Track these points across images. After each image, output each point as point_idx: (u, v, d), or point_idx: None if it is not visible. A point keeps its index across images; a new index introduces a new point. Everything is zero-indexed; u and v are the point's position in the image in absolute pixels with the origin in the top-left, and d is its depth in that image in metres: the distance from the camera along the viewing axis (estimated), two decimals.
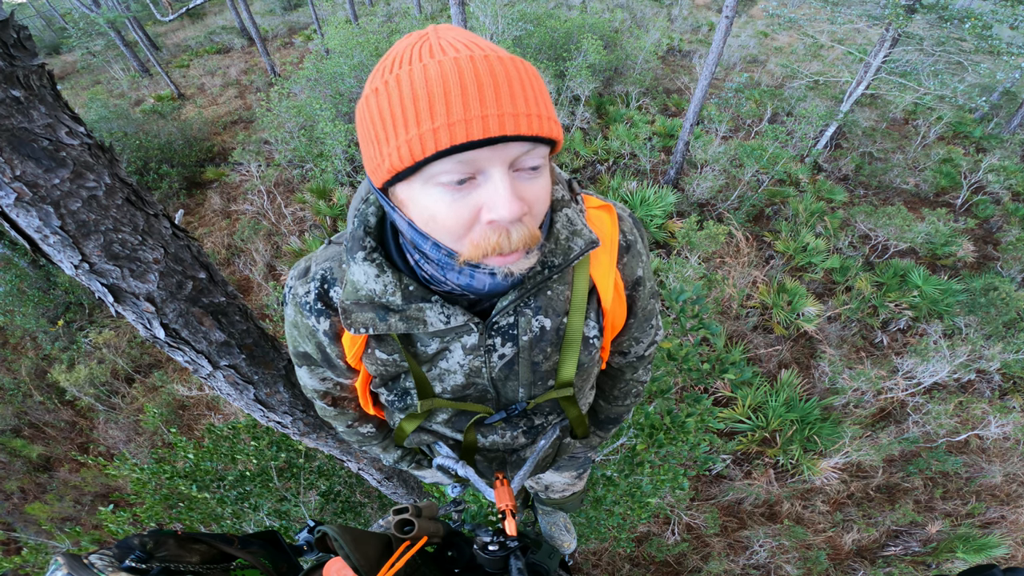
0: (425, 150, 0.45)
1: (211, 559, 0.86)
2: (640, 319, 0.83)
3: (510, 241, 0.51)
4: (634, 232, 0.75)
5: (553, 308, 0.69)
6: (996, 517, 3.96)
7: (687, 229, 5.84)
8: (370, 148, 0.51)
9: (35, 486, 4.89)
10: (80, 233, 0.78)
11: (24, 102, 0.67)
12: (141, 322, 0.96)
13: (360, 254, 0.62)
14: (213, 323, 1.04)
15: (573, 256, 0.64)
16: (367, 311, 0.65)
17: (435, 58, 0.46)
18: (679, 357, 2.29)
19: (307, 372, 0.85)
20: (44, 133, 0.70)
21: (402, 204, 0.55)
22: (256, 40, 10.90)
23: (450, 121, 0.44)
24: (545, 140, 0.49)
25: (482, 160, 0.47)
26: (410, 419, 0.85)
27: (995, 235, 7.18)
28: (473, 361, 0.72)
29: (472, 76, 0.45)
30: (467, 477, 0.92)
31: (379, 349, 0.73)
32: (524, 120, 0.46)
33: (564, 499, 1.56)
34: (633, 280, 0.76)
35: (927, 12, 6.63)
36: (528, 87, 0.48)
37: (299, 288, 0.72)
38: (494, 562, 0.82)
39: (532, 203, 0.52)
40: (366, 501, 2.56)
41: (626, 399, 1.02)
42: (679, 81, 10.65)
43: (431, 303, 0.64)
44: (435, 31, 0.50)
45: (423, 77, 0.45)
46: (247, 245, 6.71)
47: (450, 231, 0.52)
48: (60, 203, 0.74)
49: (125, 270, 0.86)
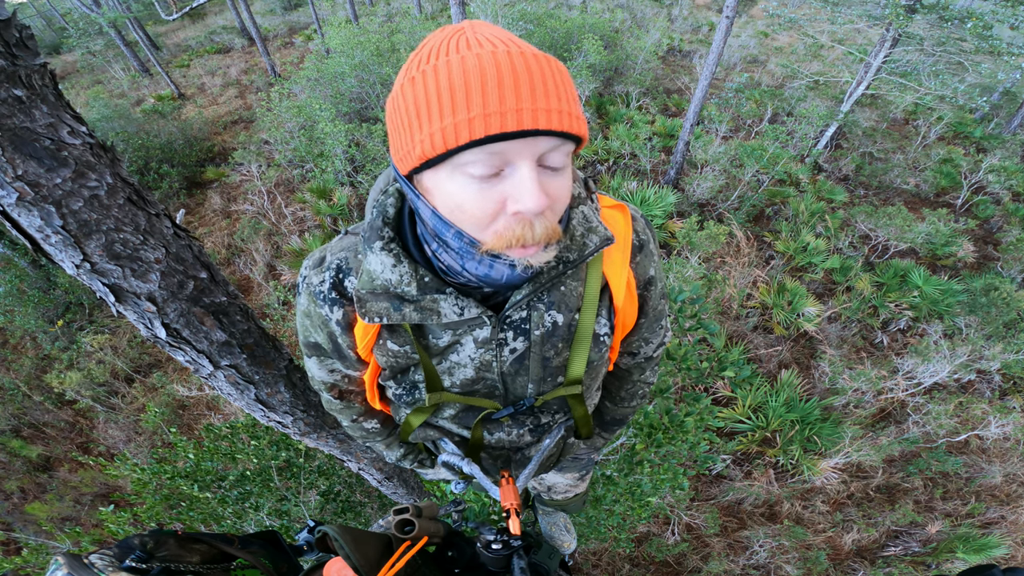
0: (459, 138, 0.46)
1: (211, 559, 0.86)
2: (651, 319, 0.83)
3: (534, 233, 0.52)
4: (647, 232, 0.76)
5: (566, 304, 0.70)
6: (996, 517, 3.96)
7: (687, 229, 5.83)
8: (401, 135, 0.52)
9: (35, 486, 4.89)
10: (82, 233, 0.78)
11: (26, 101, 0.67)
12: (142, 322, 0.96)
13: (378, 243, 0.63)
14: (214, 323, 1.04)
15: (588, 252, 0.65)
16: (382, 301, 0.65)
17: (472, 51, 0.47)
18: (678, 356, 2.29)
19: (316, 363, 0.85)
20: (46, 132, 0.70)
21: (427, 192, 0.55)
22: (256, 40, 10.90)
23: (485, 112, 0.45)
24: (572, 137, 0.50)
25: (511, 152, 0.48)
26: (417, 413, 0.85)
27: (995, 235, 7.18)
28: (484, 355, 0.72)
29: (509, 70, 0.46)
30: (472, 474, 0.92)
31: (391, 340, 0.73)
32: (556, 116, 0.47)
33: (567, 500, 1.56)
34: (645, 279, 0.77)
35: (927, 12, 6.62)
36: (560, 84, 0.49)
37: (313, 277, 0.73)
38: (497, 561, 0.82)
39: (555, 198, 0.53)
40: (366, 501, 2.56)
41: (632, 400, 1.02)
42: (679, 81, 10.65)
43: (445, 295, 0.64)
44: (471, 26, 0.51)
45: (461, 68, 0.46)
46: (247, 245, 6.71)
47: (475, 220, 0.52)
48: (62, 203, 0.74)
49: (127, 270, 0.86)
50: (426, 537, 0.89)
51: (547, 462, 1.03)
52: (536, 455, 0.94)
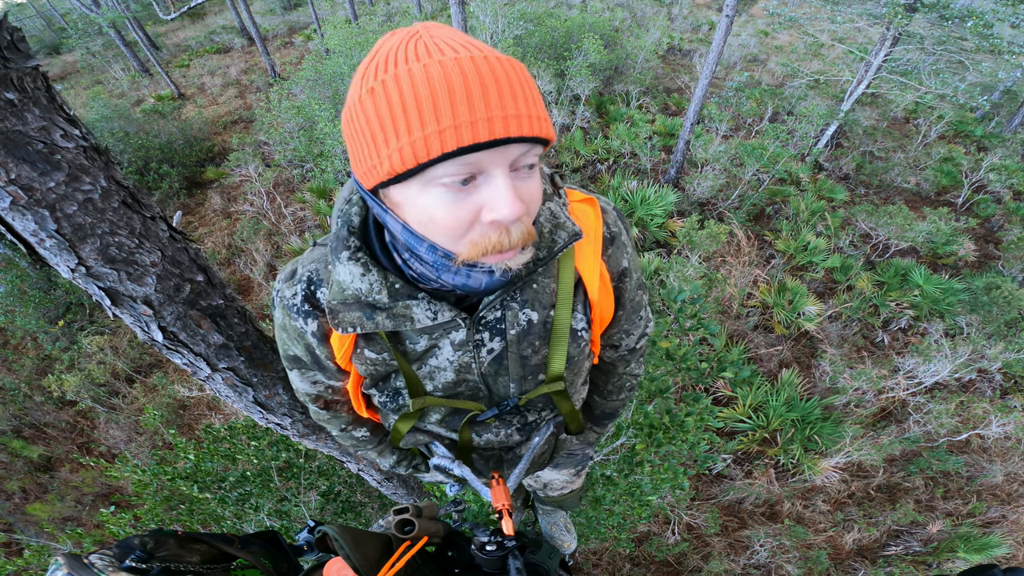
0: (431, 152, 0.45)
1: (211, 559, 0.86)
2: (628, 311, 0.83)
3: (510, 239, 0.52)
4: (618, 224, 0.76)
5: (539, 301, 0.70)
6: (997, 517, 3.96)
7: (688, 228, 5.83)
8: (365, 150, 0.50)
9: (36, 486, 4.90)
10: (76, 236, 0.78)
11: (18, 105, 0.67)
12: (139, 325, 0.95)
13: (345, 254, 0.62)
14: (211, 326, 1.03)
15: (557, 249, 0.64)
16: (354, 310, 0.65)
17: (433, 58, 0.45)
18: (678, 356, 2.29)
19: (298, 376, 0.85)
20: (39, 136, 0.70)
21: (396, 206, 0.54)
22: (256, 40, 10.90)
23: (456, 123, 0.44)
24: (542, 140, 0.50)
25: (485, 162, 0.47)
26: (404, 419, 0.85)
27: (996, 234, 7.17)
28: (462, 357, 0.72)
29: (475, 77, 0.44)
30: (464, 476, 0.92)
31: (368, 348, 0.73)
32: (526, 121, 0.47)
33: (563, 496, 1.57)
34: (619, 271, 0.76)
35: (928, 11, 6.61)
36: (525, 88, 0.48)
37: (286, 291, 0.73)
38: (492, 562, 0.81)
39: (529, 201, 0.53)
40: (366, 501, 2.56)
41: (620, 393, 1.02)
42: (679, 80, 10.63)
43: (418, 300, 0.64)
44: (426, 29, 0.49)
45: (424, 77, 0.44)
46: (247, 245, 6.72)
47: (449, 232, 0.52)
48: (56, 206, 0.74)
49: (122, 273, 0.86)
50: (426, 537, 0.89)
51: (539, 460, 1.03)
52: (526, 454, 0.94)
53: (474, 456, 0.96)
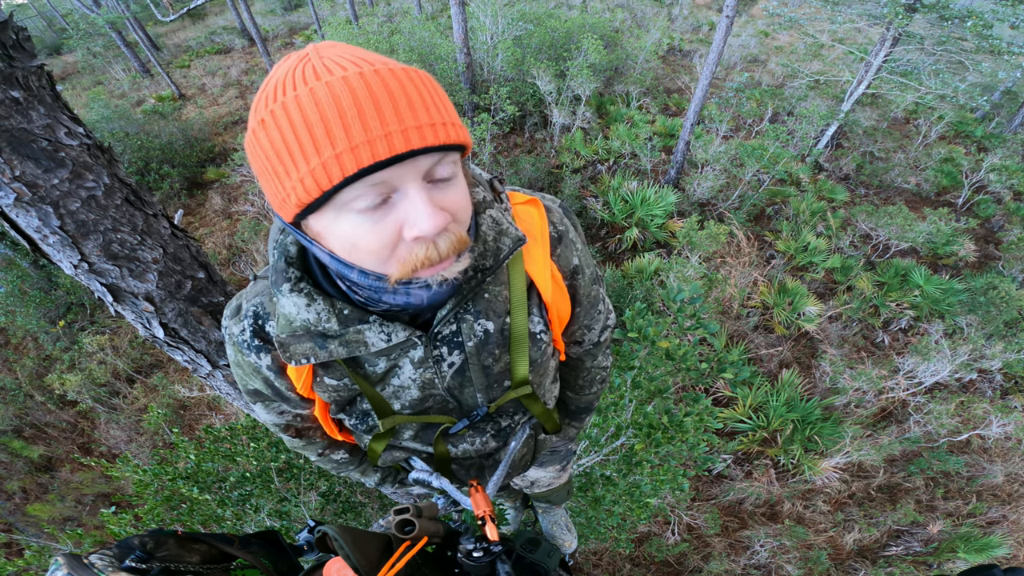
0: (332, 178, 0.43)
1: (211, 559, 0.86)
2: (586, 306, 0.82)
3: (439, 251, 0.50)
4: (564, 222, 0.75)
5: (493, 310, 0.69)
6: (997, 517, 3.96)
7: (688, 229, 5.83)
8: (271, 184, 0.48)
9: (37, 486, 4.90)
10: (79, 233, 0.78)
11: (23, 103, 0.67)
12: (140, 321, 0.96)
13: (286, 286, 0.60)
14: (212, 322, 1.04)
15: (503, 256, 0.64)
16: (305, 341, 0.63)
17: (321, 80, 0.43)
18: (677, 357, 2.29)
19: (263, 408, 0.84)
20: (43, 134, 0.70)
21: (318, 236, 0.52)
22: (257, 40, 10.90)
23: (352, 144, 0.42)
24: (453, 147, 0.48)
25: (394, 178, 0.45)
26: (378, 439, 0.85)
27: (997, 234, 7.18)
28: (424, 374, 0.71)
29: (366, 94, 0.42)
30: (443, 488, 0.92)
31: (327, 376, 0.72)
32: (429, 131, 0.45)
33: (551, 492, 1.59)
34: (570, 269, 0.76)
35: (928, 11, 6.62)
36: (426, 96, 0.46)
37: (234, 327, 0.71)
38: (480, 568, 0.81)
39: (455, 211, 0.51)
40: (366, 501, 2.56)
41: (592, 387, 1.02)
42: (680, 81, 10.65)
43: (369, 324, 0.62)
44: (315, 50, 0.47)
45: (312, 101, 0.42)
46: (248, 245, 6.72)
47: (374, 255, 0.50)
48: (59, 203, 0.74)
49: (124, 270, 0.86)
50: (426, 537, 0.89)
51: (521, 462, 1.03)
52: (504, 459, 0.94)
53: (455, 467, 0.95)
